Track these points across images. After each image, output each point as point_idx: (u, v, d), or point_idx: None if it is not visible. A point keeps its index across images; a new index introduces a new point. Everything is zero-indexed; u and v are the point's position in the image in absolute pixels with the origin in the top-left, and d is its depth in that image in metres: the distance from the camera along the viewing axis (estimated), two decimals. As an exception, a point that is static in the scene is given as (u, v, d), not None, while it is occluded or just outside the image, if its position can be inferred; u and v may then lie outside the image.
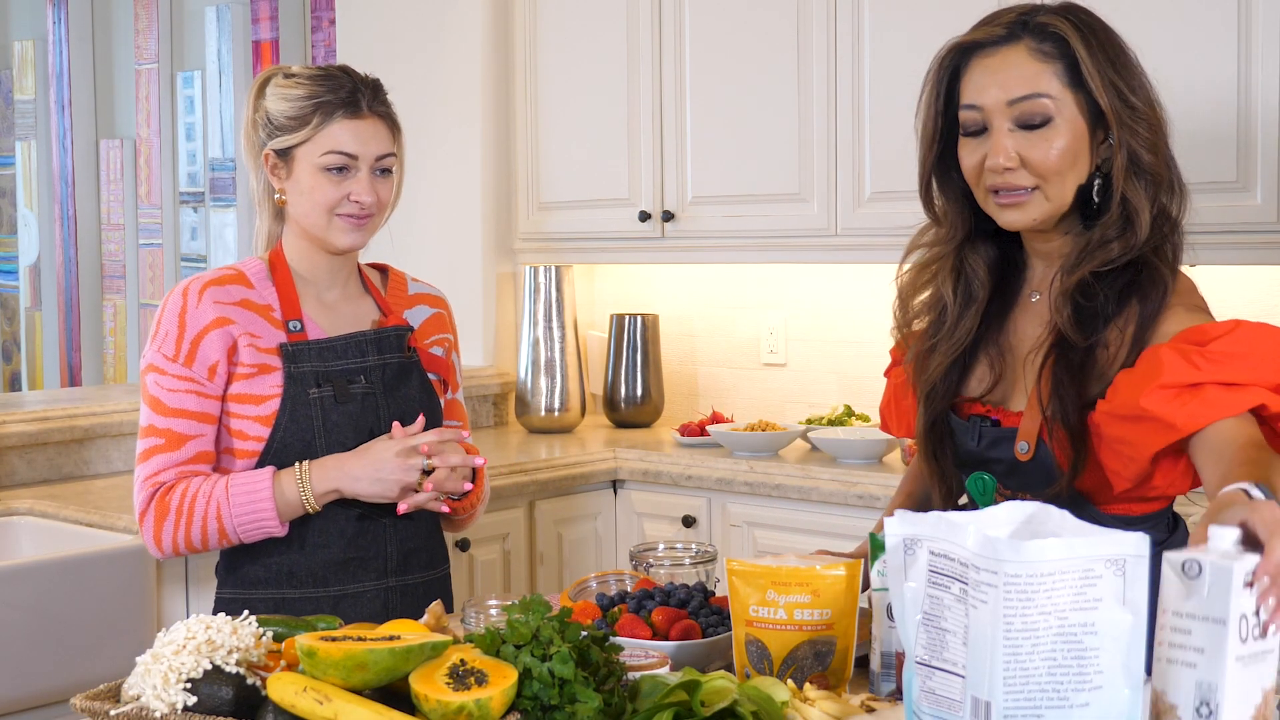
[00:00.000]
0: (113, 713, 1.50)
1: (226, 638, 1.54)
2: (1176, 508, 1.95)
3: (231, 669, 1.52)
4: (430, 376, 2.32)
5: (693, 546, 2.10)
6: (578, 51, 4.08)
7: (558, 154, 4.15)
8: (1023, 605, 1.26)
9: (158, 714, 1.48)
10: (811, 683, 1.65)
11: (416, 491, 2.16)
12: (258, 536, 2.17)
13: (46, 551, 2.96)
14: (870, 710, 1.59)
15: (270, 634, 1.62)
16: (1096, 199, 1.82)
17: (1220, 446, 1.66)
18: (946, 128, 1.88)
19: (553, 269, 4.16)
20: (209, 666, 1.51)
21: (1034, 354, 1.85)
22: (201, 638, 1.54)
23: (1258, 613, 1.27)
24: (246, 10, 5.49)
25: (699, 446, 3.71)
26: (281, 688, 1.48)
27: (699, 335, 4.24)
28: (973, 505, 1.92)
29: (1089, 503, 1.83)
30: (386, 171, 2.24)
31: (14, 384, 6.64)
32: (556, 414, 4.12)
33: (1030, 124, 1.79)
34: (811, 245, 3.65)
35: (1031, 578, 1.26)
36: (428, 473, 2.17)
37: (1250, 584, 1.26)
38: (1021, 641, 1.27)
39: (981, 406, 1.91)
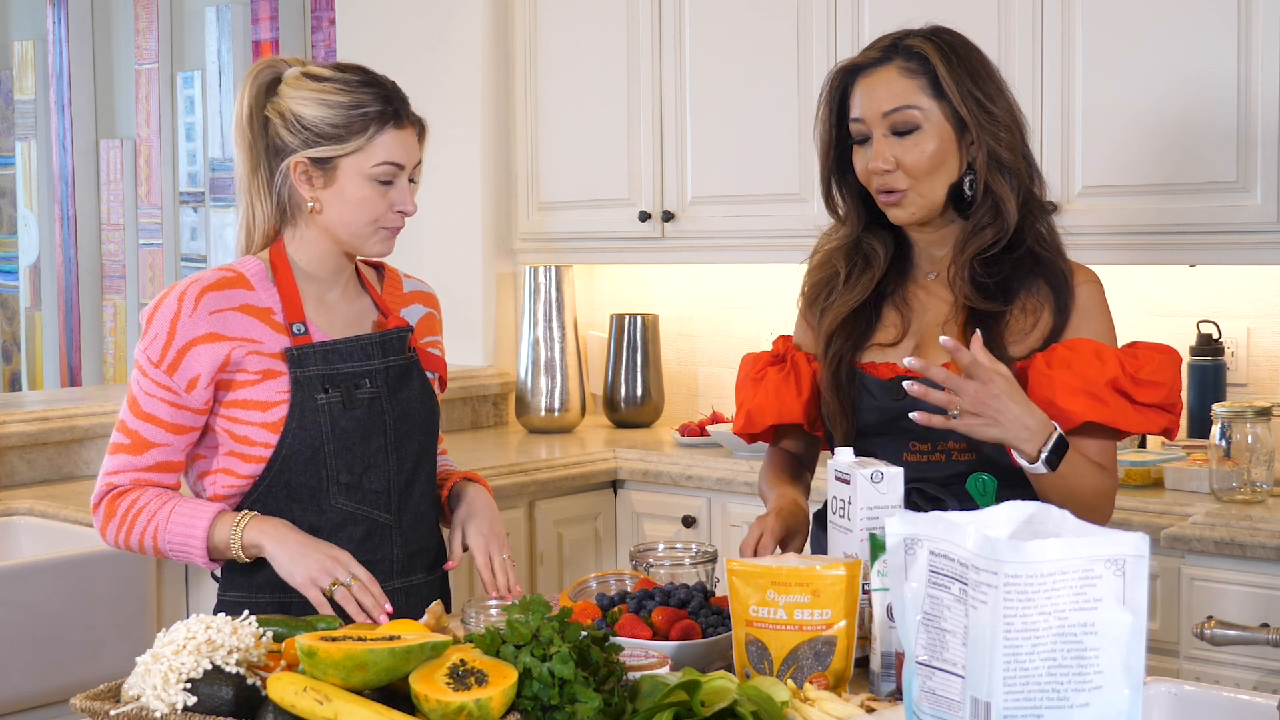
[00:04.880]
0: (113, 713, 1.50)
1: (226, 638, 1.54)
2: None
3: (231, 669, 1.52)
4: (428, 375, 2.32)
5: (693, 546, 2.10)
6: (578, 51, 4.08)
7: (558, 154, 4.15)
8: (1022, 605, 1.26)
9: (158, 714, 1.49)
10: (811, 683, 1.65)
11: (330, 595, 2.07)
12: (186, 562, 2.19)
13: (46, 551, 2.96)
14: (870, 710, 1.59)
15: (270, 634, 1.62)
16: (969, 192, 2.09)
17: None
18: (840, 139, 2.15)
19: (553, 269, 4.15)
20: (209, 666, 1.51)
21: (949, 323, 2.11)
22: (201, 638, 1.54)
23: None
24: (246, 10, 5.49)
25: (699, 446, 3.71)
26: (281, 688, 1.48)
27: (699, 335, 4.24)
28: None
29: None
30: (414, 180, 2.22)
31: (14, 384, 6.63)
32: (556, 414, 4.12)
33: (901, 131, 2.06)
34: (811, 245, 3.63)
35: (1031, 578, 1.26)
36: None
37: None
38: (1021, 642, 1.27)
39: (902, 368, 2.09)
